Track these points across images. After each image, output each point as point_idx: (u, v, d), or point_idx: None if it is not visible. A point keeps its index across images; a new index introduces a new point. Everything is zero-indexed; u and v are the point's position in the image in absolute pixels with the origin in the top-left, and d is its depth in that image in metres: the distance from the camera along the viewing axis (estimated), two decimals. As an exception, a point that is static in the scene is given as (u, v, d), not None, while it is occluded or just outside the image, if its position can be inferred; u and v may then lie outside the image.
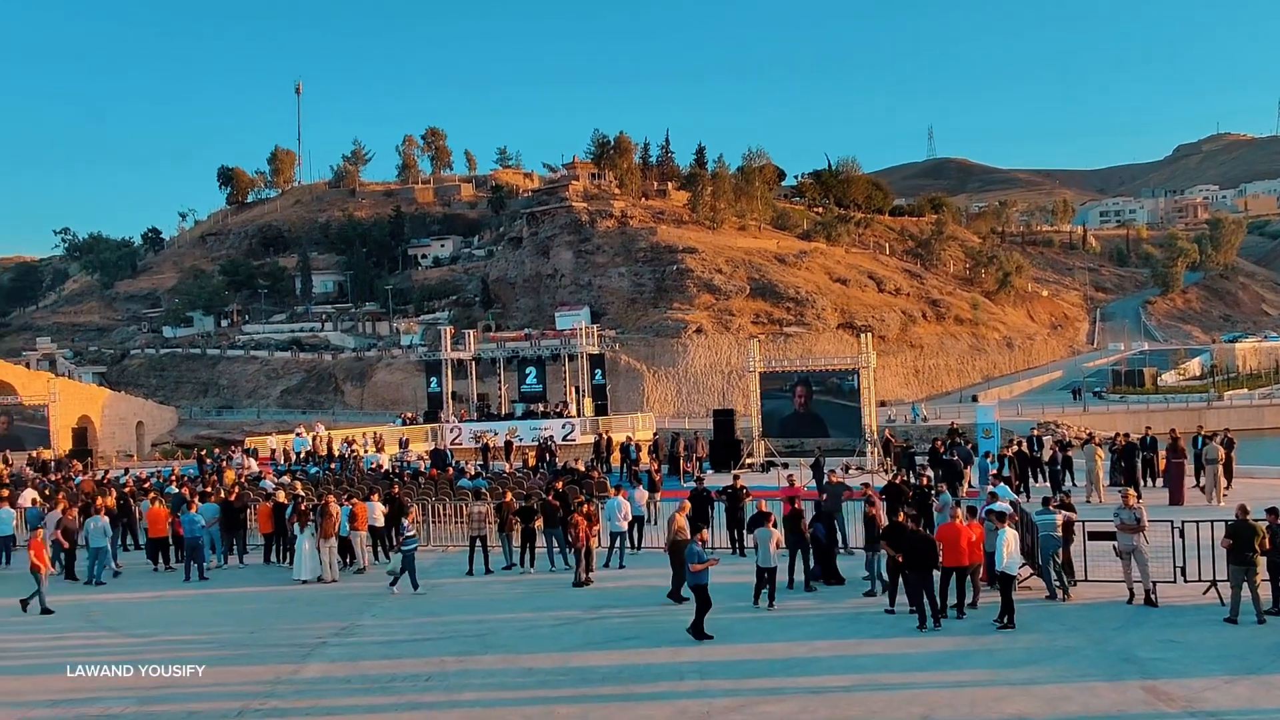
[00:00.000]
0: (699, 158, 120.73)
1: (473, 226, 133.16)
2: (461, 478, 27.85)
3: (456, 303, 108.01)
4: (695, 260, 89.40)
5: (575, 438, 44.04)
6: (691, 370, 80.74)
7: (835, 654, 13.28)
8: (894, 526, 15.25)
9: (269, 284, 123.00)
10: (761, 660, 13.15)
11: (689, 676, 12.50)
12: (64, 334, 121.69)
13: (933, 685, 11.87)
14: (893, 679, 12.14)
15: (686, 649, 13.75)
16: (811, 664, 12.86)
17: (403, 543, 18.26)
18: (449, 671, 13.09)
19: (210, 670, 13.56)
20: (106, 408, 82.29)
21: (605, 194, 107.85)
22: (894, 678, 12.20)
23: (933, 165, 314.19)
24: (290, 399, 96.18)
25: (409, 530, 18.47)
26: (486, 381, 57.83)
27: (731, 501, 20.49)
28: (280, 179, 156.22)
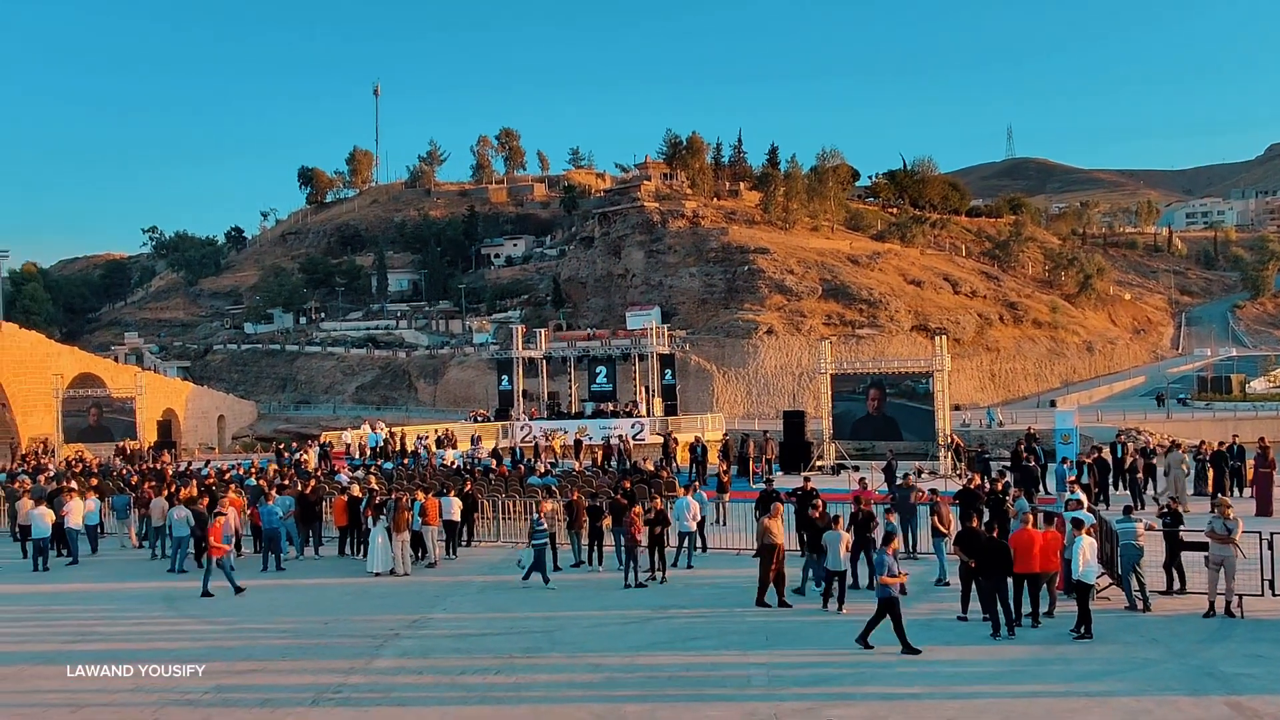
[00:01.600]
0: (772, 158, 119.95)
1: (545, 226, 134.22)
2: (531, 475, 28.08)
3: (528, 302, 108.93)
4: (767, 261, 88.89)
5: (644, 437, 44.08)
6: (762, 371, 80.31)
7: (906, 659, 13.08)
8: (967, 532, 14.99)
9: (346, 282, 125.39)
10: (831, 664, 13.02)
11: (757, 678, 12.43)
12: (150, 329, 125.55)
13: (1006, 694, 11.63)
14: (965, 687, 11.92)
15: (754, 651, 13.67)
16: (882, 669, 12.69)
17: (533, 536, 18.27)
18: (517, 666, 13.20)
19: (288, 660, 13.88)
20: (190, 401, 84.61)
21: (677, 194, 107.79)
22: (967, 686, 11.98)
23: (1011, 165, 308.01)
24: (365, 395, 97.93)
25: (541, 524, 18.40)
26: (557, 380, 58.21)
27: (801, 504, 20.31)
28: (358, 179, 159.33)
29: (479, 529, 23.79)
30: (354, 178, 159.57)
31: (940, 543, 17.76)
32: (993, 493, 20.47)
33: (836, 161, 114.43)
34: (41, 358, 69.73)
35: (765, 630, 14.75)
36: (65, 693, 12.37)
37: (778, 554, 16.00)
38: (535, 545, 18.12)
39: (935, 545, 17.97)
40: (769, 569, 15.96)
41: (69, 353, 76.72)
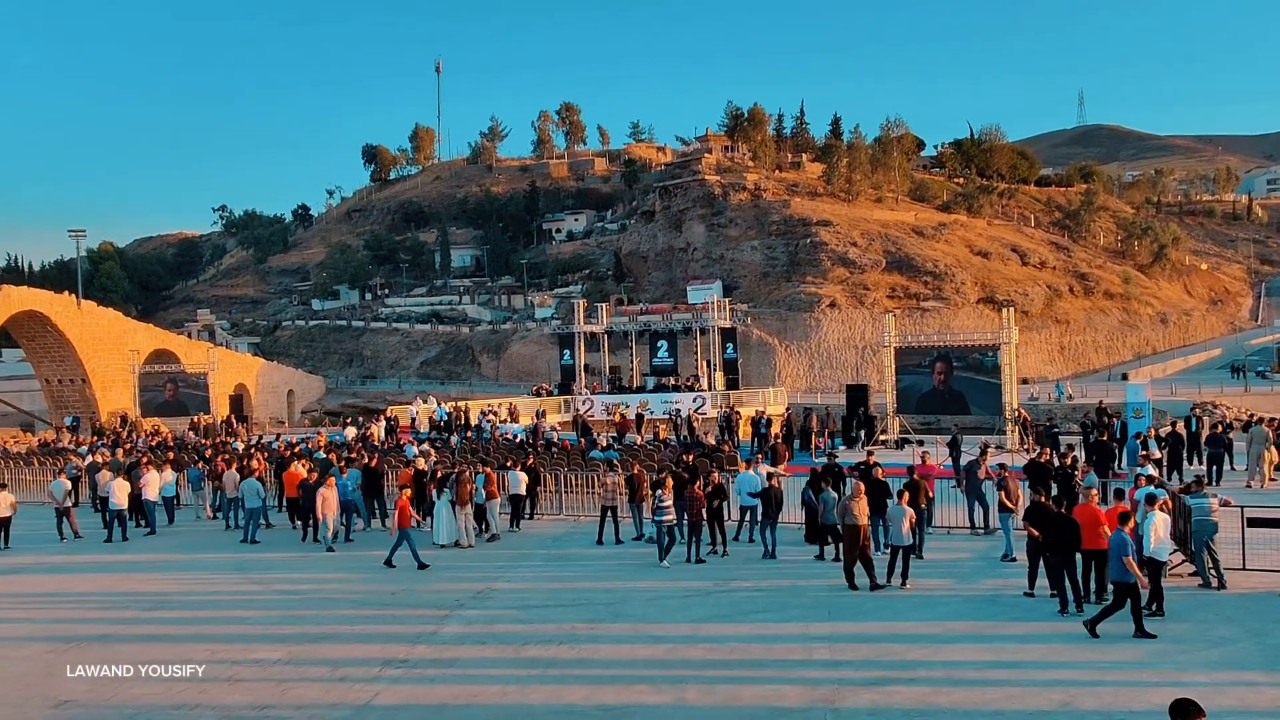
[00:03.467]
0: (834, 128, 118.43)
1: (606, 201, 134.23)
2: (594, 449, 28.24)
3: (589, 276, 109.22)
4: (830, 233, 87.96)
5: (706, 411, 44.04)
6: (824, 345, 79.67)
7: (971, 635, 12.95)
8: (1035, 507, 14.74)
9: (410, 258, 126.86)
10: (893, 638, 12.94)
11: (819, 652, 12.40)
12: (222, 306, 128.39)
13: (1074, 671, 11.45)
14: (1031, 663, 11.76)
15: (816, 624, 13.64)
16: (945, 644, 12.58)
17: (655, 514, 18.13)
18: (579, 637, 13.33)
19: (356, 627, 14.19)
20: (260, 376, 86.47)
21: (738, 167, 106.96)
22: (1033, 661, 11.82)
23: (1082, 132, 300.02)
24: (429, 370, 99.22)
25: (664, 501, 18.12)
26: (619, 354, 58.39)
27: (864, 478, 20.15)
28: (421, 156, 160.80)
29: (542, 502, 24.02)
30: (417, 155, 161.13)
31: (1007, 518, 17.53)
32: (1061, 468, 20.12)
33: (901, 131, 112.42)
34: (119, 334, 71.78)
35: (827, 604, 14.71)
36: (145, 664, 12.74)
37: (862, 534, 15.63)
38: (658, 521, 17.94)
39: (1002, 520, 17.74)
40: (854, 550, 15.59)
41: (145, 329, 78.86)
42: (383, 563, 18.29)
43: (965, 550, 18.36)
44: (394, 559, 18.28)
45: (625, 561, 18.47)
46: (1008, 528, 17.48)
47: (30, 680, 11.97)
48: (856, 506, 15.73)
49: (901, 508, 15.70)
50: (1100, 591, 14.32)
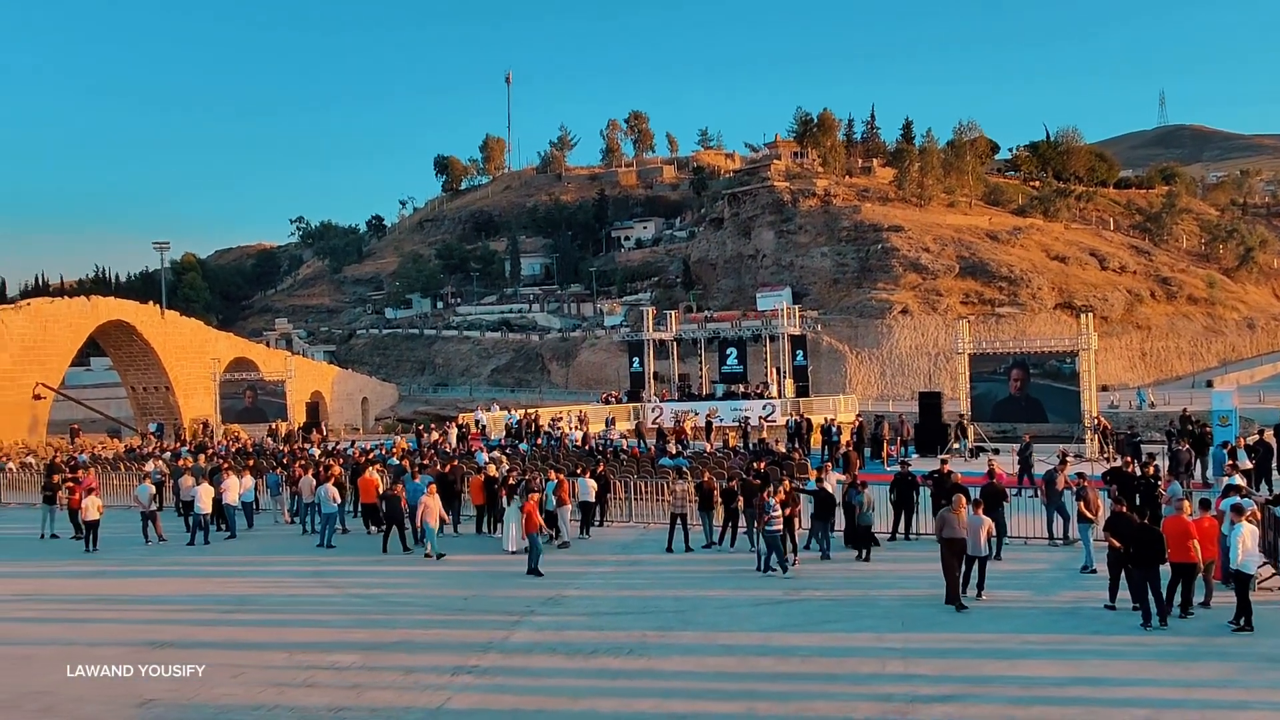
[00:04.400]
0: (906, 133, 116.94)
1: (674, 208, 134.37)
2: (663, 456, 28.22)
3: (658, 284, 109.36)
4: (901, 239, 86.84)
5: (776, 419, 43.75)
6: (896, 352, 78.68)
7: (1049, 649, 12.63)
8: (1117, 517, 14.35)
9: (480, 267, 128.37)
10: (969, 650, 12.68)
11: (893, 663, 12.21)
12: (298, 315, 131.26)
13: (1158, 688, 11.11)
14: (1113, 678, 11.43)
15: (889, 635, 13.43)
16: (1023, 657, 12.29)
17: (765, 523, 17.65)
18: (649, 645, 13.30)
19: (428, 632, 14.34)
20: (336, 384, 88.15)
21: (808, 173, 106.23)
22: (1114, 677, 11.48)
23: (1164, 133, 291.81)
24: (500, 377, 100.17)
25: (773, 510, 17.65)
26: (688, 362, 58.29)
27: (938, 487, 19.84)
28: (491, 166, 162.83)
29: (611, 509, 24.07)
30: (487, 165, 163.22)
31: (1086, 529, 17.10)
32: (1144, 477, 19.59)
33: (974, 134, 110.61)
34: (200, 343, 73.77)
35: (901, 614, 14.48)
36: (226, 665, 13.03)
37: (962, 548, 14.91)
38: (767, 531, 17.57)
39: (1081, 531, 17.31)
40: (955, 565, 14.88)
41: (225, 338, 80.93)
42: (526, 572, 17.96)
43: (1043, 561, 17.96)
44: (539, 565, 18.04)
45: (695, 569, 18.41)
46: (1087, 539, 17.05)
47: (116, 680, 12.32)
48: (958, 519, 15.11)
49: (979, 517, 15.40)
50: (1186, 605, 13.89)
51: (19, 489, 33.85)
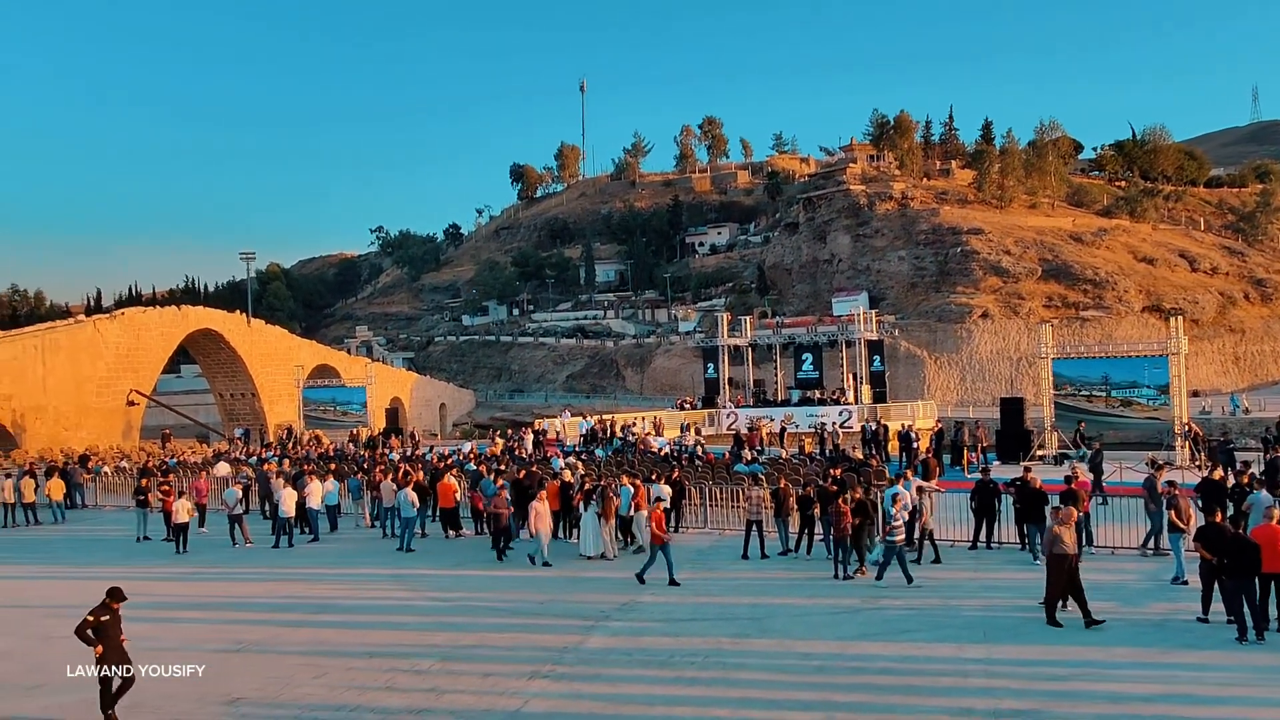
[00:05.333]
0: (985, 133, 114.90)
1: (749, 213, 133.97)
2: (739, 462, 28.07)
3: (733, 289, 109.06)
4: (981, 241, 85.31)
5: (852, 425, 43.26)
6: (976, 357, 77.27)
7: (1136, 661, 12.23)
8: (1210, 527, 13.84)
9: (556, 274, 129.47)
10: (1053, 662, 12.34)
11: (974, 674, 11.95)
12: (378, 322, 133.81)
13: (1254, 707, 10.68)
14: (1204, 693, 11.03)
15: (971, 646, 13.15)
16: (1109, 670, 11.92)
17: (888, 532, 17.18)
18: (725, 652, 13.23)
19: (505, 635, 14.46)
20: (414, 390, 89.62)
21: (884, 175, 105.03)
22: (1206, 692, 11.08)
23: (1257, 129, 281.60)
24: (575, 383, 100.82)
25: (895, 519, 17.24)
26: (763, 367, 58.00)
27: (1020, 495, 19.40)
28: (566, 174, 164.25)
29: (687, 515, 24.02)
30: (562, 172, 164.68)
31: (1177, 539, 16.54)
32: (1238, 485, 18.91)
33: (1056, 134, 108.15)
34: (285, 350, 75.65)
35: (983, 624, 14.17)
36: (309, 666, 13.30)
37: (1069, 564, 14.09)
38: (889, 541, 17.10)
39: (1172, 541, 16.75)
40: (1059, 581, 14.09)
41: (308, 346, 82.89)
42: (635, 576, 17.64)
43: (1132, 572, 17.42)
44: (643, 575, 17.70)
45: (771, 577, 18.26)
46: (1178, 549, 16.49)
47: (205, 679, 12.65)
48: (1066, 534, 14.15)
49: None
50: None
51: (114, 492, 35.06)
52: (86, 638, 10.95)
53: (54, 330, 58.72)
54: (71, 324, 61.67)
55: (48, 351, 55.80)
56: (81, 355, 58.07)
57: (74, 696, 12.01)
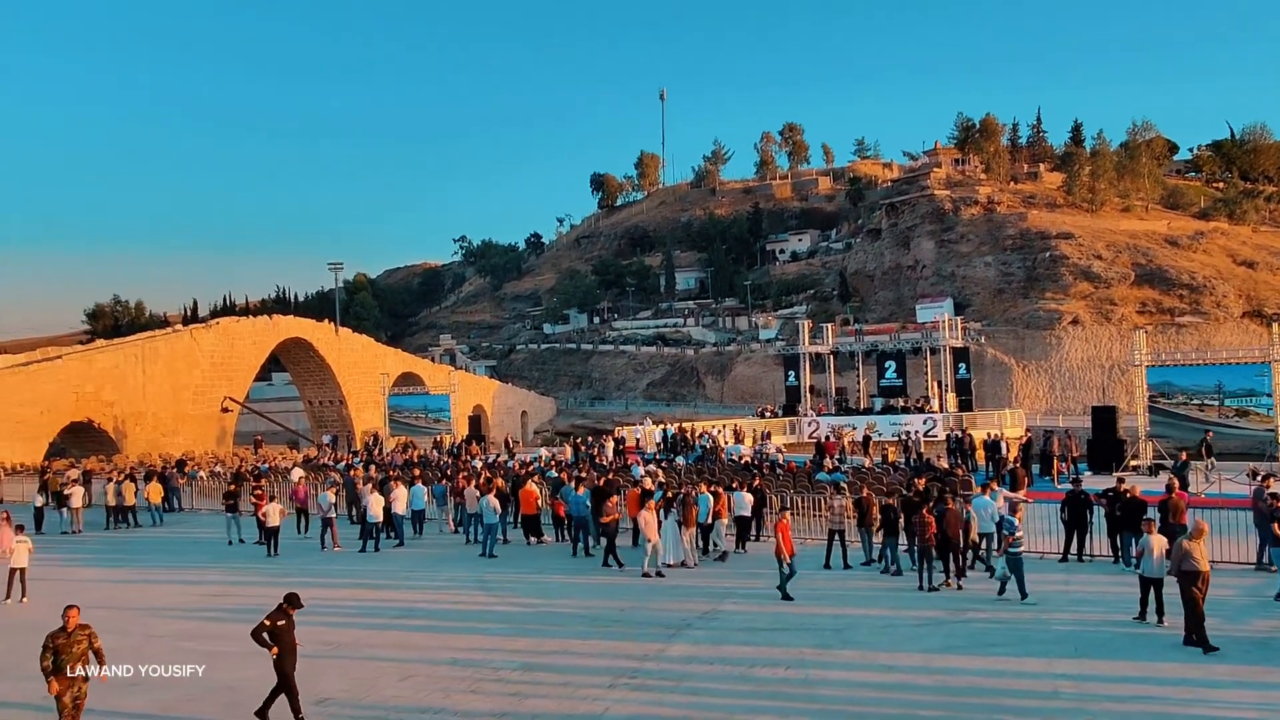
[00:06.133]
0: (1075, 135, 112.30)
1: (830, 220, 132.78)
2: (820, 471, 27.81)
3: (814, 296, 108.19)
4: (1071, 246, 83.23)
5: (937, 433, 42.55)
6: (1066, 364, 75.34)
7: (1237, 680, 11.76)
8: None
9: (636, 282, 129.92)
10: (1147, 680, 11.95)
11: (1065, 690, 11.64)
12: (461, 331, 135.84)
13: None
14: (1315, 716, 10.57)
15: (1061, 660, 12.81)
16: (1208, 689, 11.49)
17: (1010, 544, 16.47)
18: (807, 662, 13.10)
19: (587, 642, 14.54)
20: (496, 398, 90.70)
21: (970, 180, 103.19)
22: (1316, 715, 10.62)
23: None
24: (655, 391, 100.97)
25: (1018, 531, 16.54)
26: (845, 375, 57.40)
27: (1113, 505, 18.85)
28: (646, 182, 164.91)
29: (768, 524, 23.84)
30: (642, 181, 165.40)
31: None
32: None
33: (1150, 135, 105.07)
34: (371, 358, 77.27)
35: (1074, 639, 13.80)
36: (394, 668, 13.53)
37: (1203, 581, 13.38)
38: (1012, 552, 16.33)
39: (1275, 556, 16.11)
40: (1197, 600, 13.26)
41: (393, 354, 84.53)
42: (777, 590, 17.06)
43: (1233, 587, 16.77)
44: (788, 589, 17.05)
45: (853, 587, 18.05)
46: (1284, 564, 15.86)
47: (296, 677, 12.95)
48: (1196, 549, 13.40)
49: (1154, 536, 14.53)
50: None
51: (209, 496, 36.17)
52: (263, 640, 11.25)
53: (153, 339, 60.92)
54: (170, 333, 63.94)
55: (147, 360, 57.88)
56: (179, 363, 60.11)
57: (175, 694, 12.44)
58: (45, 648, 10.52)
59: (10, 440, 47.91)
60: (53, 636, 10.55)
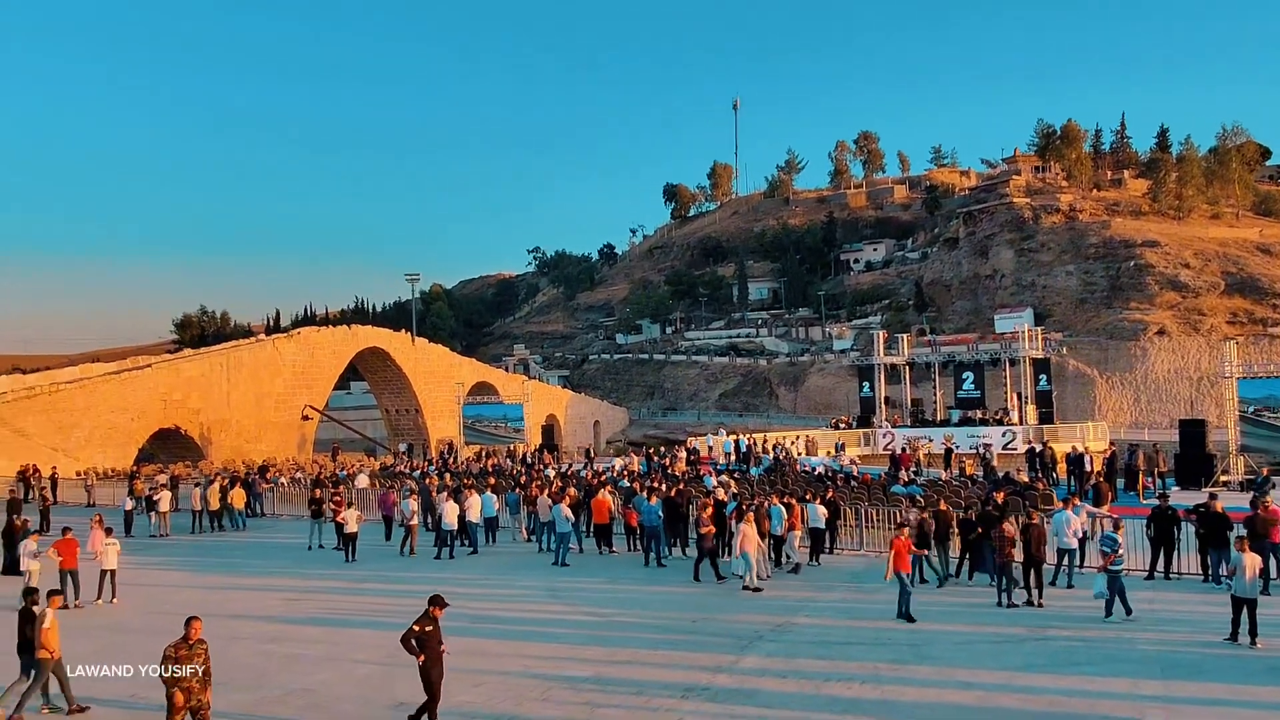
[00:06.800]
0: (1161, 141, 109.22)
1: (906, 229, 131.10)
2: (895, 483, 27.42)
3: (889, 307, 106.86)
4: (1157, 254, 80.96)
5: (1016, 446, 41.66)
6: (1152, 376, 73.21)
7: (1340, 707, 11.27)
8: None
9: (708, 292, 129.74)
10: (1240, 703, 11.51)
11: (1152, 714, 11.26)
12: (534, 341, 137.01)
13: None
14: None
15: (1147, 681, 12.40)
16: (1308, 716, 11.03)
17: (1111, 561, 15.76)
18: (883, 678, 12.89)
19: (658, 653, 14.49)
20: (569, 408, 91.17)
21: (1050, 187, 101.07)
22: None
23: None
24: (727, 402, 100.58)
25: (1119, 547, 15.84)
26: (921, 386, 56.52)
27: (1203, 523, 18.23)
28: (719, 192, 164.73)
29: (842, 536, 23.59)
30: (714, 191, 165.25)
31: None
32: None
33: (1240, 140, 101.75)
34: (446, 368, 78.32)
35: (1160, 660, 13.36)
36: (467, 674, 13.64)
37: None
38: (1111, 570, 15.77)
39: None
40: None
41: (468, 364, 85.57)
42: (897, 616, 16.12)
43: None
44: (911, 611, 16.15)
45: (930, 602, 17.71)
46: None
47: (372, 683, 13.17)
48: None
49: (1246, 554, 14.01)
50: None
51: (289, 502, 36.98)
52: (411, 648, 11.04)
53: (238, 349, 62.59)
54: (253, 342, 65.61)
55: (232, 368, 59.48)
56: (262, 372, 61.64)
57: (255, 695, 12.70)
58: (166, 658, 10.29)
59: (103, 445, 49.59)
60: (175, 647, 10.36)
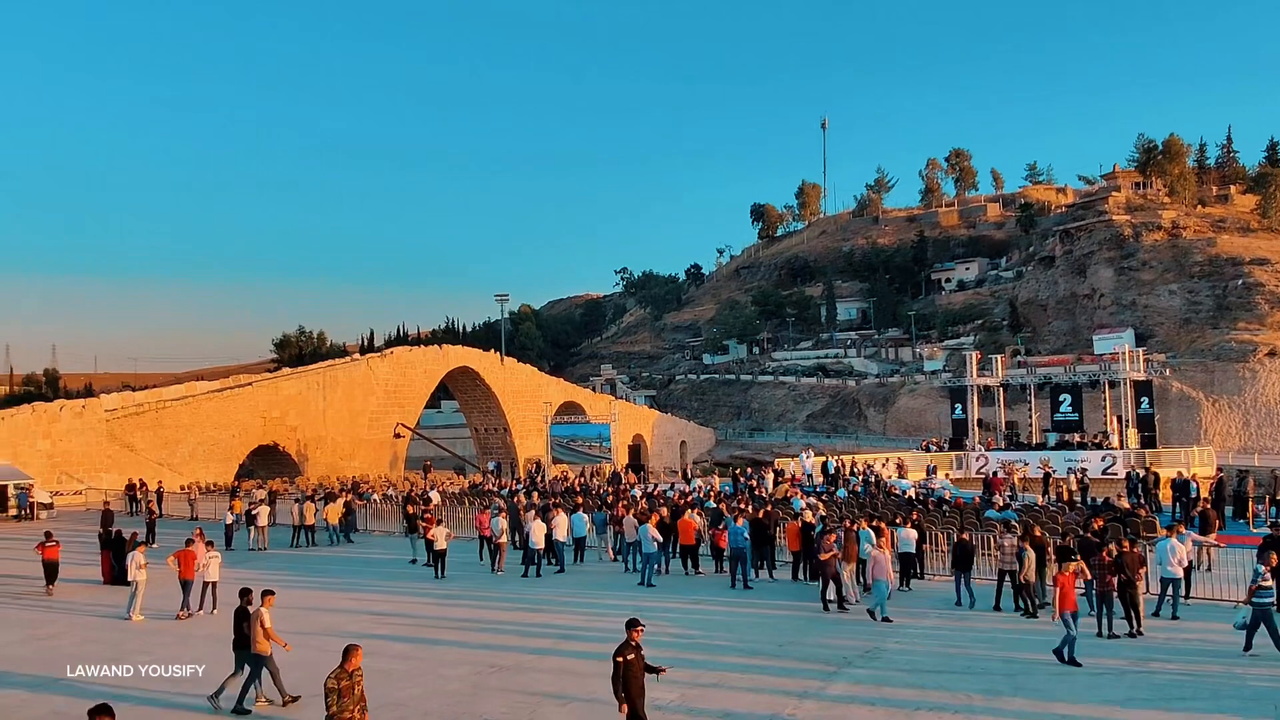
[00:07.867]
0: (1271, 154, 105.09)
1: (999, 247, 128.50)
2: (989, 508, 26.77)
3: (982, 327, 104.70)
4: (1267, 273, 77.79)
5: (1116, 471, 40.33)
6: (1262, 399, 70.21)
7: None
8: None
9: (796, 313, 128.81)
10: (1364, 747, 10.90)
11: (1264, 753, 10.74)
12: (621, 361, 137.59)
13: None
14: None
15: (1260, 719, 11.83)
16: None
17: (1254, 592, 15.04)
18: (975, 708, 12.54)
19: (745, 676, 14.35)
20: (656, 427, 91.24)
21: (1152, 204, 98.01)
22: None
23: None
24: (815, 423, 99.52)
25: (1265, 579, 14.99)
26: (1015, 409, 55.18)
27: None
28: (806, 212, 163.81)
29: (933, 561, 23.10)
30: (802, 210, 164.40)
31: None
32: None
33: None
34: (534, 387, 79.11)
35: (1273, 697, 12.74)
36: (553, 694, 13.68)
37: None
38: (1257, 603, 14.96)
39: None
40: None
41: (555, 383, 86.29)
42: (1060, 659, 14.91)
43: None
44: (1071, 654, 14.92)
45: (1026, 630, 17.21)
46: None
47: (460, 696, 13.31)
48: None
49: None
50: None
51: (382, 518, 37.70)
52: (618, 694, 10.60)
53: (333, 368, 64.23)
54: (348, 362, 67.28)
55: (328, 387, 61.03)
56: (356, 391, 63.11)
57: (344, 708, 12.92)
58: (328, 690, 10.03)
59: (206, 461, 51.29)
60: (336, 677, 10.09)
